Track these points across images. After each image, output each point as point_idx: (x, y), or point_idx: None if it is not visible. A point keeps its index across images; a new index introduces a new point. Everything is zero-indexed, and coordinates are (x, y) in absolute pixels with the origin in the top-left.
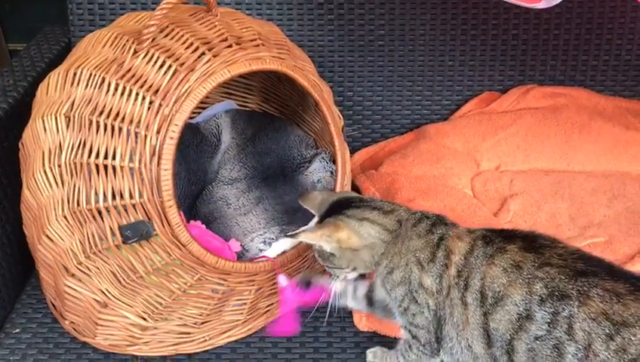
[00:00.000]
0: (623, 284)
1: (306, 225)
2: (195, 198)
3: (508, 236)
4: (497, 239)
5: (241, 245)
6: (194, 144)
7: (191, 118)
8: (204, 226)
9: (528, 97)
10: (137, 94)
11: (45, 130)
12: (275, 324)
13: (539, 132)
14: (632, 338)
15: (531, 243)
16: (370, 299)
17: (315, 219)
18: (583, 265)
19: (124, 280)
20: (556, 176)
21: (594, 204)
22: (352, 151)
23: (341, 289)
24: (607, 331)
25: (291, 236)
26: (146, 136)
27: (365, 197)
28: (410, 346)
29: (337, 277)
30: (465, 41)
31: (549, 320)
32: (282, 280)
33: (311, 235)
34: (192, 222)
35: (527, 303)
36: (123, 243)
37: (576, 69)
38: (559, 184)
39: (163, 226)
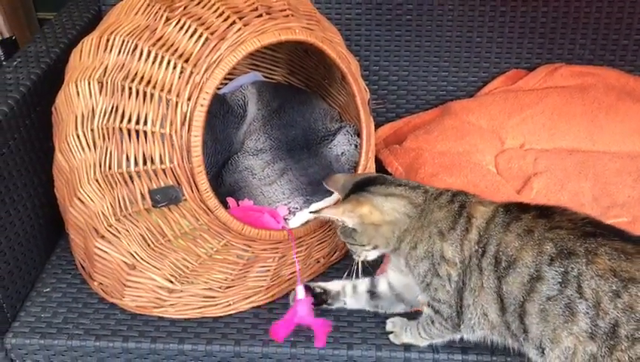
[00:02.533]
0: (632, 245)
1: (329, 196)
2: (220, 168)
3: (524, 207)
4: (515, 209)
5: (288, 208)
6: (220, 114)
7: (218, 88)
8: (251, 202)
9: (556, 76)
10: (169, 61)
11: (78, 94)
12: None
13: (565, 111)
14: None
15: (544, 211)
16: (372, 294)
17: (334, 197)
18: (592, 228)
19: (152, 243)
20: (581, 155)
21: (618, 185)
22: (376, 126)
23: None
24: (615, 287)
25: (315, 212)
26: (177, 102)
27: (390, 176)
28: (432, 321)
29: (358, 256)
30: (493, 17)
31: (560, 280)
32: (300, 292)
33: (334, 210)
34: (240, 203)
35: (538, 264)
36: (153, 207)
37: (606, 48)
38: (584, 164)
39: (192, 192)
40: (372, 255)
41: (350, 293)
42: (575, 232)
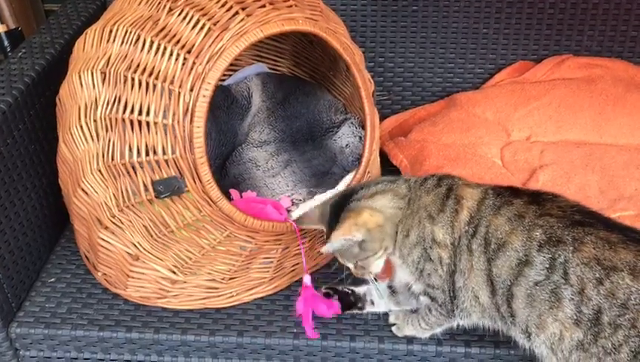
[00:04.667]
0: (616, 234)
1: (333, 188)
2: (225, 159)
3: (516, 192)
4: (506, 193)
5: (291, 200)
6: (225, 106)
7: (222, 80)
8: (254, 194)
9: (563, 67)
10: (172, 52)
11: (82, 85)
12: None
13: (572, 103)
14: (620, 282)
15: (536, 198)
16: (391, 288)
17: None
18: (581, 216)
19: (155, 234)
20: (588, 148)
21: (625, 178)
22: (382, 118)
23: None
24: (598, 275)
25: (326, 249)
26: (179, 93)
27: (362, 182)
28: (430, 309)
29: (370, 273)
30: (500, 9)
31: (547, 266)
32: (307, 279)
33: (340, 233)
34: (244, 194)
35: (527, 249)
36: (155, 197)
37: (614, 40)
38: (590, 156)
39: (194, 182)
40: (380, 263)
41: (376, 291)
42: (564, 220)
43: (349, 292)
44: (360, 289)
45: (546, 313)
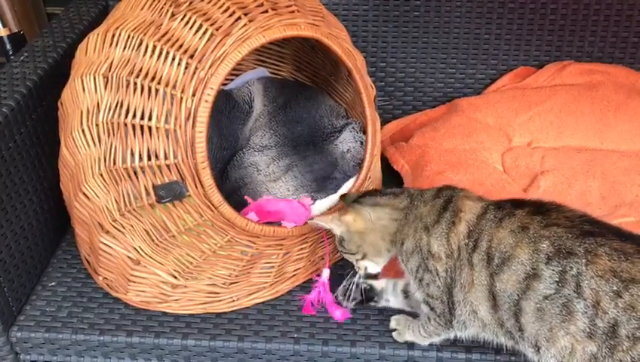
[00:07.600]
0: (630, 244)
1: (334, 193)
2: (226, 163)
3: (518, 203)
4: (507, 205)
5: (312, 198)
6: (226, 110)
7: (224, 84)
8: (271, 196)
9: (564, 73)
10: (174, 57)
11: (84, 89)
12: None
13: (573, 109)
14: None
15: (539, 207)
16: (406, 293)
17: (337, 196)
18: (590, 226)
19: (156, 238)
20: (589, 154)
21: (626, 184)
22: (383, 123)
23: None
24: (615, 288)
25: (311, 220)
26: (181, 98)
27: (382, 189)
28: (429, 318)
29: (358, 268)
30: (501, 14)
31: (557, 279)
32: (325, 274)
33: (324, 218)
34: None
35: (534, 262)
36: (157, 202)
37: (615, 46)
38: (591, 162)
39: (196, 187)
40: (371, 267)
41: (390, 291)
42: (573, 231)
43: (368, 287)
44: (378, 285)
45: (557, 326)
